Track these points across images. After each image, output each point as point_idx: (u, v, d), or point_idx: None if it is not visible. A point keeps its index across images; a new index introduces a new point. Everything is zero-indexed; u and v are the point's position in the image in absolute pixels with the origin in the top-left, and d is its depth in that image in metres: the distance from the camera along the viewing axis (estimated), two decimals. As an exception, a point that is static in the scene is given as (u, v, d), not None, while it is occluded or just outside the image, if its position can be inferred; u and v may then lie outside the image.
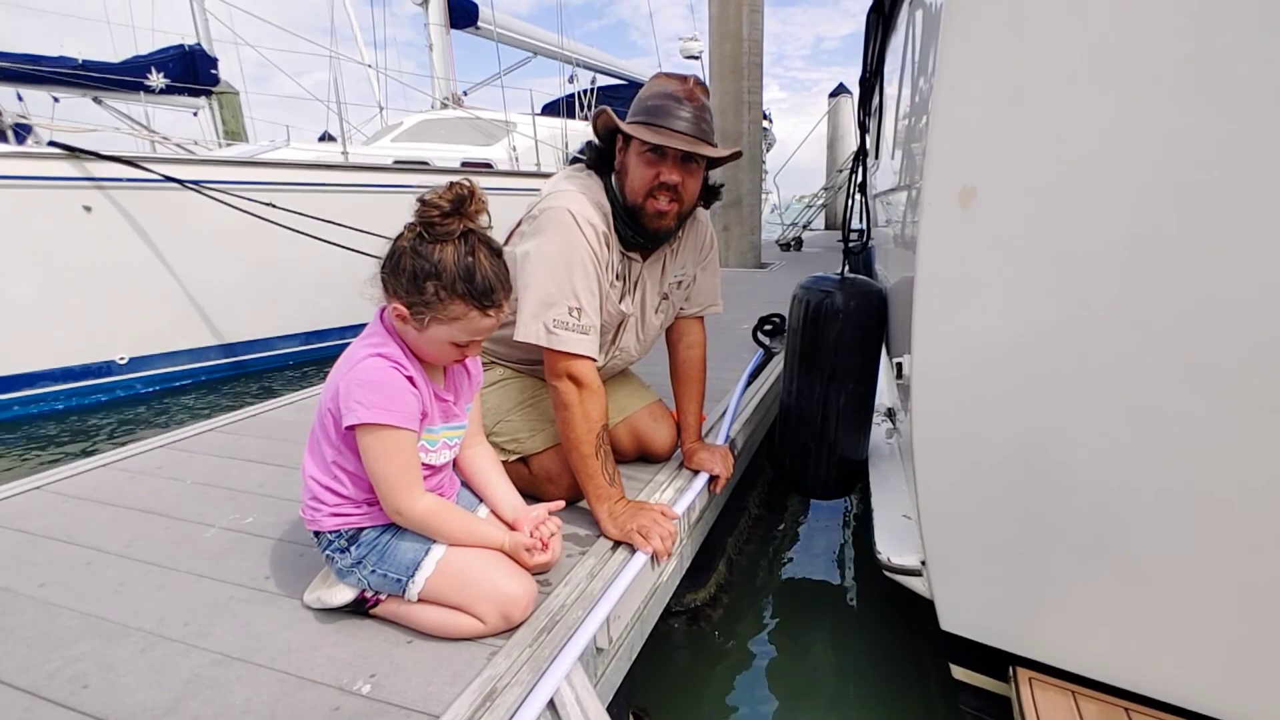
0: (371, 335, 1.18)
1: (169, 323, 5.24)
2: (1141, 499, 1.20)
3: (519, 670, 1.09)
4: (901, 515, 1.76)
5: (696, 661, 2.09)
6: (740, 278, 6.72)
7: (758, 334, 3.46)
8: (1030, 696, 1.35)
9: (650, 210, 1.51)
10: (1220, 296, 1.04)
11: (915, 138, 1.64)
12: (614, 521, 1.49)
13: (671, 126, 1.46)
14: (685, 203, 1.55)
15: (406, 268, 1.09)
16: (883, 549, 1.64)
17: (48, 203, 4.52)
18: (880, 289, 2.06)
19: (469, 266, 1.09)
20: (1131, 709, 1.31)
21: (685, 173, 1.50)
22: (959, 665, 1.57)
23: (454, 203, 1.08)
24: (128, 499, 1.77)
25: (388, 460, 1.13)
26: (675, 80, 1.52)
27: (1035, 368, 1.22)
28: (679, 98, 1.48)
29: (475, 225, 1.12)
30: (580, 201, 1.50)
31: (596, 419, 1.50)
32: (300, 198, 5.34)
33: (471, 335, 1.15)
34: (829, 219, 15.56)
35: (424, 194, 1.09)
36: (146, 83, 7.76)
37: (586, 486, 1.52)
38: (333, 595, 1.22)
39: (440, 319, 1.12)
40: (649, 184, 1.49)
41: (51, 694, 1.06)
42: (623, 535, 1.47)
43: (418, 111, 9.30)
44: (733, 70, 7.11)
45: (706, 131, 1.50)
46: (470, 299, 1.11)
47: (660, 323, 1.81)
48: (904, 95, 2.01)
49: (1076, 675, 1.37)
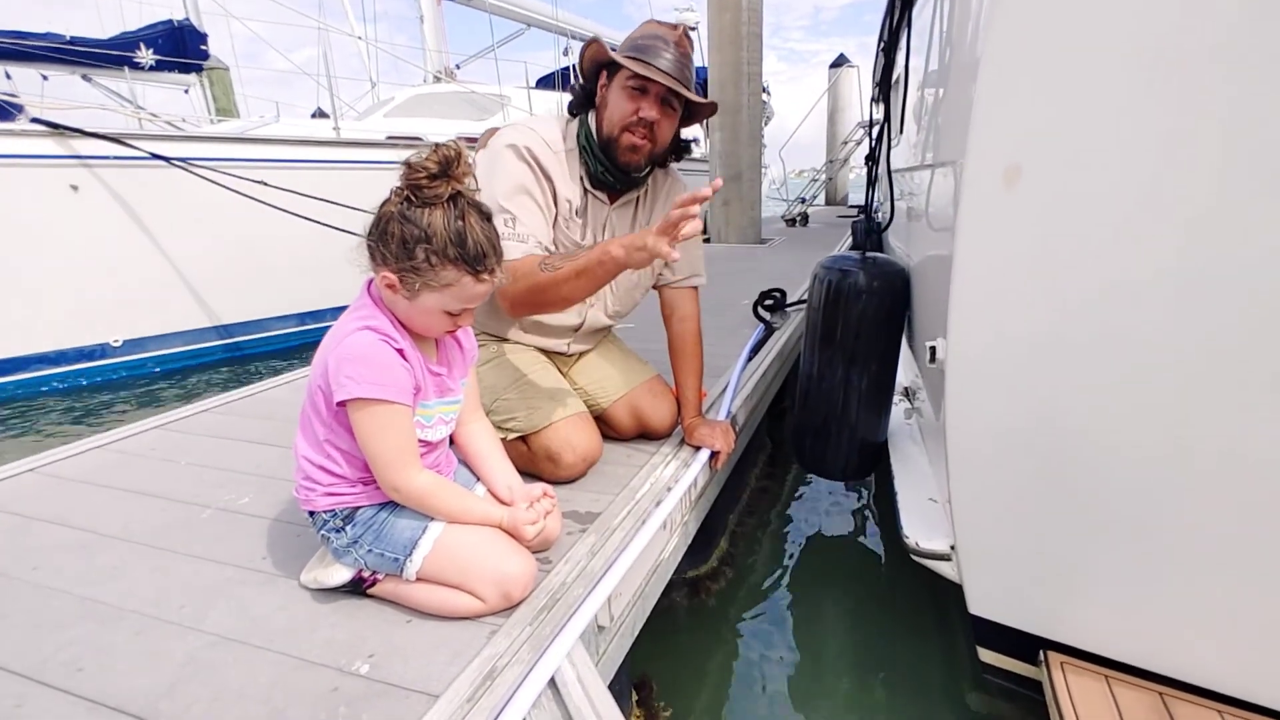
0: (359, 308, 1.14)
1: (163, 304, 5.19)
2: (1180, 484, 1.18)
3: (519, 649, 1.07)
4: (927, 499, 1.74)
5: (699, 634, 2.09)
6: (740, 254, 6.66)
7: (758, 309, 3.43)
8: (1063, 681, 1.34)
9: (624, 144, 1.57)
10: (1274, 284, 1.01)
11: (948, 112, 1.59)
12: (627, 246, 1.33)
13: (658, 64, 1.51)
14: (657, 144, 1.60)
15: (395, 233, 1.06)
16: (910, 533, 1.62)
17: (33, 182, 4.44)
18: (903, 269, 2.02)
19: (460, 230, 1.06)
20: (1166, 694, 1.30)
21: (662, 113, 1.56)
22: (987, 648, 1.57)
23: (441, 165, 1.04)
24: (122, 481, 1.75)
25: (382, 436, 1.10)
26: (665, 26, 1.58)
27: (1078, 352, 1.20)
28: (667, 41, 1.54)
29: (463, 188, 1.08)
30: (527, 135, 1.58)
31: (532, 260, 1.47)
32: (292, 175, 5.26)
33: (464, 303, 1.12)
34: (829, 194, 15.39)
35: (409, 157, 1.05)
36: (136, 59, 7.63)
37: (586, 271, 1.39)
38: (330, 575, 1.21)
39: (431, 286, 1.08)
40: (627, 117, 1.54)
41: (46, 678, 1.04)
42: (647, 243, 1.28)
43: (410, 86, 9.15)
44: (732, 40, 6.95)
45: (688, 78, 1.56)
46: (462, 264, 1.07)
47: (635, 274, 1.78)
48: (933, 66, 1.94)
49: (1110, 660, 1.36)
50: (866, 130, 8.78)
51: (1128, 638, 1.34)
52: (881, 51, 2.57)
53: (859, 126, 12.11)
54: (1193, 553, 1.21)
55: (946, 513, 1.56)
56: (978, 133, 1.20)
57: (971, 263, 1.28)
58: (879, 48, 2.55)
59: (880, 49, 2.55)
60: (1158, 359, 1.13)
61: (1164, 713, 1.27)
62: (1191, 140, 1.02)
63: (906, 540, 1.62)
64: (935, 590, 1.68)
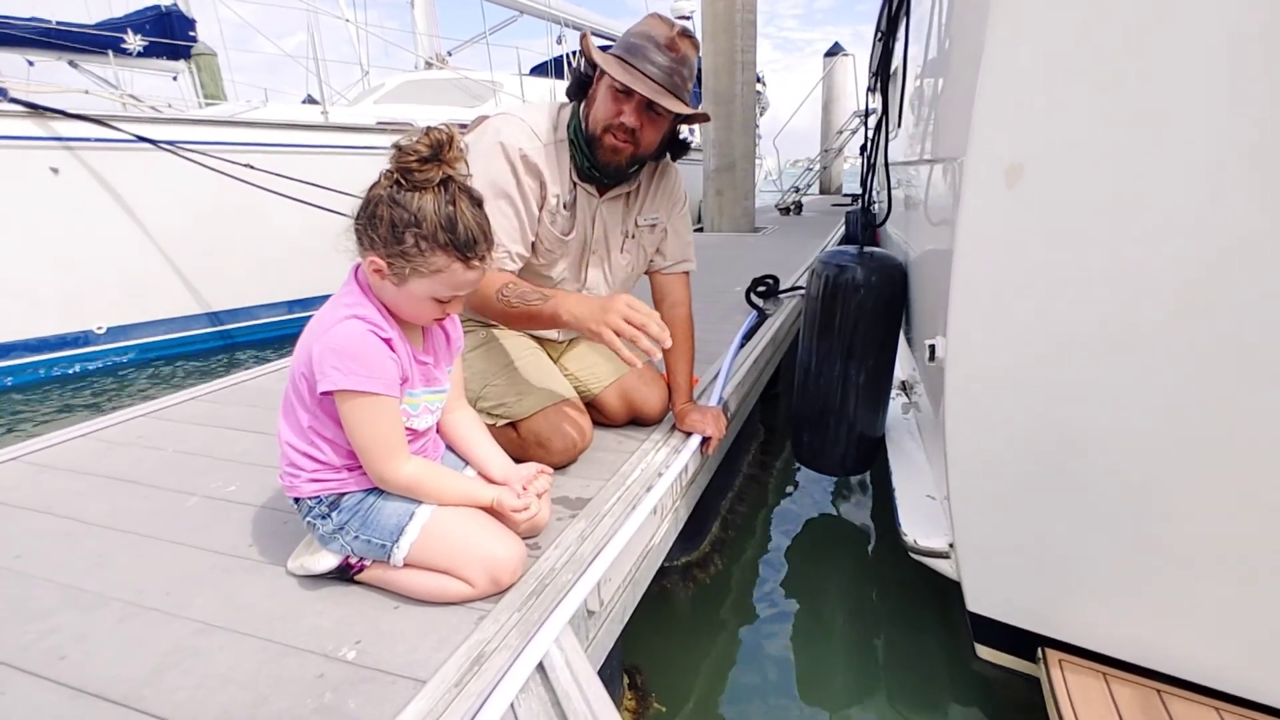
0: (345, 295, 1.12)
1: (148, 290, 5.12)
2: (1179, 483, 1.18)
3: (508, 634, 1.06)
4: (925, 495, 1.74)
5: (691, 619, 2.09)
6: (733, 242, 6.64)
7: (751, 296, 3.42)
8: (1062, 678, 1.35)
9: (606, 144, 1.52)
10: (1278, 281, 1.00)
11: (949, 105, 1.57)
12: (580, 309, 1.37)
13: (642, 69, 1.44)
14: (640, 148, 1.54)
15: (384, 217, 1.04)
16: (908, 531, 1.62)
17: (11, 164, 4.35)
18: (900, 263, 2.01)
19: (450, 216, 1.04)
20: (1164, 691, 1.31)
21: (646, 119, 1.49)
22: (985, 645, 1.57)
23: (432, 148, 1.02)
24: (106, 469, 1.73)
25: (371, 428, 1.09)
26: (663, 25, 1.49)
27: (1078, 352, 1.19)
28: (659, 43, 1.46)
29: (454, 173, 1.06)
30: (517, 127, 1.53)
31: (495, 283, 1.47)
32: (279, 159, 5.20)
33: (454, 290, 1.10)
34: (823, 184, 15.36)
35: (399, 140, 1.03)
36: (123, 44, 7.52)
37: (536, 319, 1.46)
38: (316, 562, 1.20)
39: (421, 272, 1.06)
40: (608, 120, 1.49)
41: (27, 665, 1.03)
42: (599, 326, 1.33)
43: (402, 72, 9.06)
44: (726, 28, 6.91)
45: (678, 85, 1.48)
46: (453, 250, 1.05)
47: (628, 265, 1.78)
48: (933, 57, 1.92)
49: (1107, 657, 1.36)
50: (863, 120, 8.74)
51: (1126, 635, 1.34)
52: (879, 41, 2.54)
53: (854, 116, 12.07)
54: (1191, 550, 1.21)
55: (945, 510, 1.56)
56: (979, 129, 1.19)
57: (971, 262, 1.27)
58: (876, 37, 2.52)
59: (878, 38, 2.51)
60: (1158, 357, 1.13)
61: (1161, 709, 1.27)
62: (1198, 136, 1.01)
63: (905, 538, 1.62)
64: (928, 578, 1.68)
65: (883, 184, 2.34)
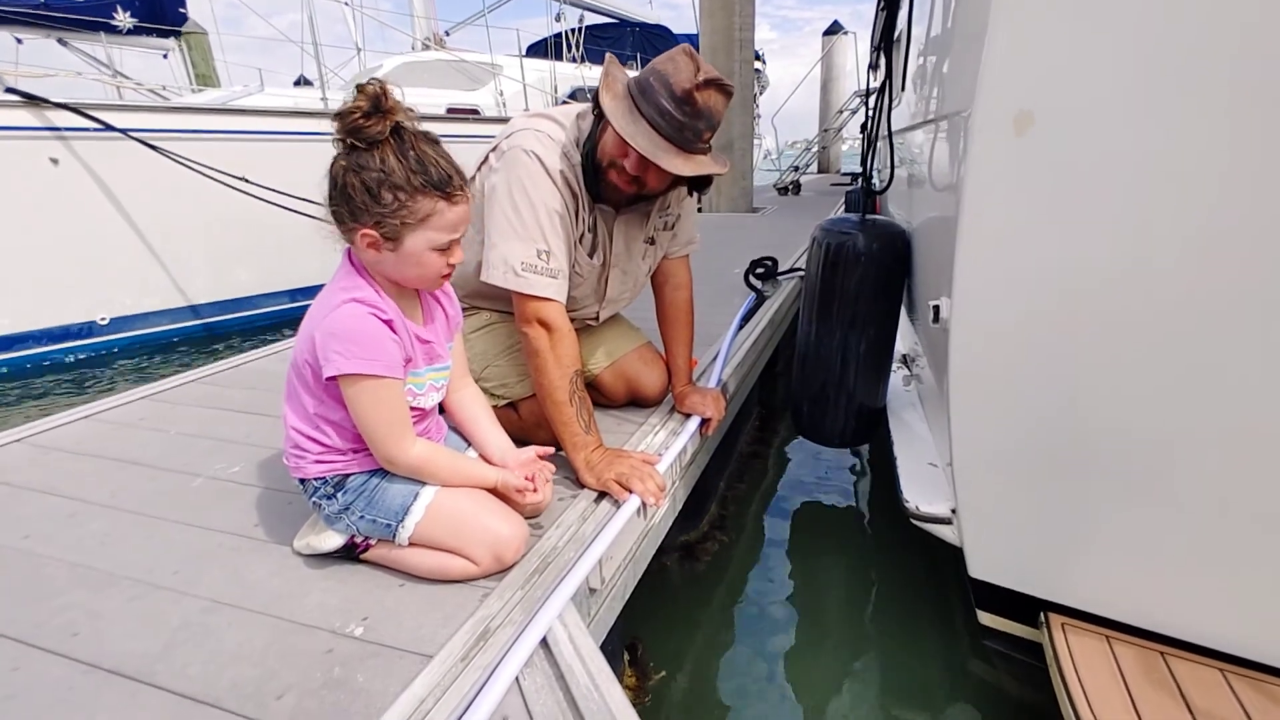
0: (342, 279, 1.12)
1: (151, 281, 5.09)
2: (1183, 443, 1.17)
3: (512, 610, 1.09)
4: (927, 464, 1.74)
5: (691, 597, 2.13)
6: (731, 222, 6.61)
7: (749, 277, 3.42)
8: (1064, 642, 1.35)
9: (610, 179, 1.45)
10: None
11: (955, 59, 1.54)
12: (591, 471, 1.44)
13: (649, 118, 1.34)
14: (646, 189, 1.46)
15: (355, 185, 1.02)
16: (910, 498, 1.62)
17: (10, 155, 4.31)
18: (903, 230, 1.98)
19: (417, 158, 1.03)
20: (1167, 653, 1.31)
21: (652, 167, 1.38)
22: (987, 611, 1.57)
23: (372, 101, 1.00)
24: (111, 450, 1.74)
25: (376, 411, 1.10)
26: (687, 69, 1.32)
27: (1088, 309, 1.17)
28: (675, 94, 1.32)
29: (401, 118, 1.04)
30: (544, 145, 1.44)
31: (569, 363, 1.45)
32: (276, 148, 5.15)
33: (449, 232, 1.09)
34: (822, 164, 15.25)
35: (336, 108, 1.02)
36: (113, 22, 7.42)
37: (561, 435, 1.47)
38: (322, 541, 1.21)
39: (410, 224, 1.05)
40: (614, 157, 1.41)
41: (41, 642, 1.05)
42: (600, 485, 1.43)
43: (397, 53, 8.95)
44: (724, 6, 6.82)
45: (689, 139, 1.35)
46: (432, 190, 1.04)
47: (648, 267, 1.77)
48: (938, 16, 1.87)
49: (1110, 620, 1.36)
50: (863, 99, 8.65)
51: (1129, 598, 1.34)
52: (882, 9, 2.51)
53: (855, 95, 11.94)
54: (1195, 512, 1.20)
55: (947, 476, 1.56)
56: (988, 76, 1.15)
57: (978, 216, 1.23)
58: (879, 5, 2.49)
59: (880, 5, 2.48)
60: (1175, 319, 1.10)
61: (1165, 671, 1.27)
62: (1218, 86, 0.97)
63: (906, 505, 1.61)
64: (929, 551, 1.70)
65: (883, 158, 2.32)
